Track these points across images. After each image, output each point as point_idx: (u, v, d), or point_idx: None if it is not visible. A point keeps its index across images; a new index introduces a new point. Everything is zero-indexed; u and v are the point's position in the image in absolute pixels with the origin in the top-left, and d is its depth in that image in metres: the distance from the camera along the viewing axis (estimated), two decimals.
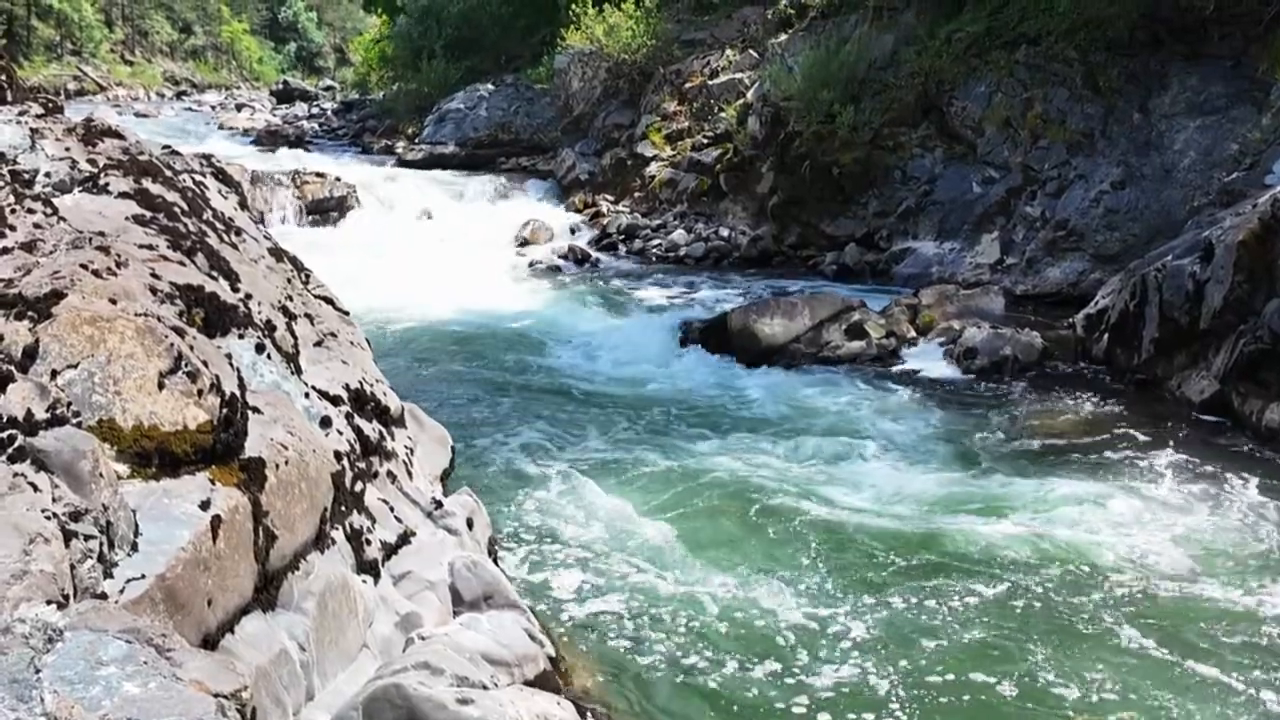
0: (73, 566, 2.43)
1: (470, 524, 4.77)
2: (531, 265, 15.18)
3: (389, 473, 4.59)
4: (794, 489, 6.81)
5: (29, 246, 3.45)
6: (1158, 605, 5.38)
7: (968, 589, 5.52)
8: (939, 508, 6.56)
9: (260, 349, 3.94)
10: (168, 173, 4.86)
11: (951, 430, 8.10)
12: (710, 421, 8.31)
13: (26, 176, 4.12)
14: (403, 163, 22.34)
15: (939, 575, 5.68)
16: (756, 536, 6.15)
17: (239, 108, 40.74)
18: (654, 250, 15.85)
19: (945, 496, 6.75)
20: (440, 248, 15.41)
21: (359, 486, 4.12)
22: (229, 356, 3.55)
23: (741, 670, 4.78)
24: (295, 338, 4.44)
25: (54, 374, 2.91)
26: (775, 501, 6.61)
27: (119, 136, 4.91)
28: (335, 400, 4.40)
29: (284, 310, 4.54)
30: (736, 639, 5.04)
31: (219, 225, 4.79)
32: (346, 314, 5.44)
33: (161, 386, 3.03)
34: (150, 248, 3.83)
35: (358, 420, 4.48)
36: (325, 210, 16.89)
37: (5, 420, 2.65)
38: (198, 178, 5.36)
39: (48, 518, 2.44)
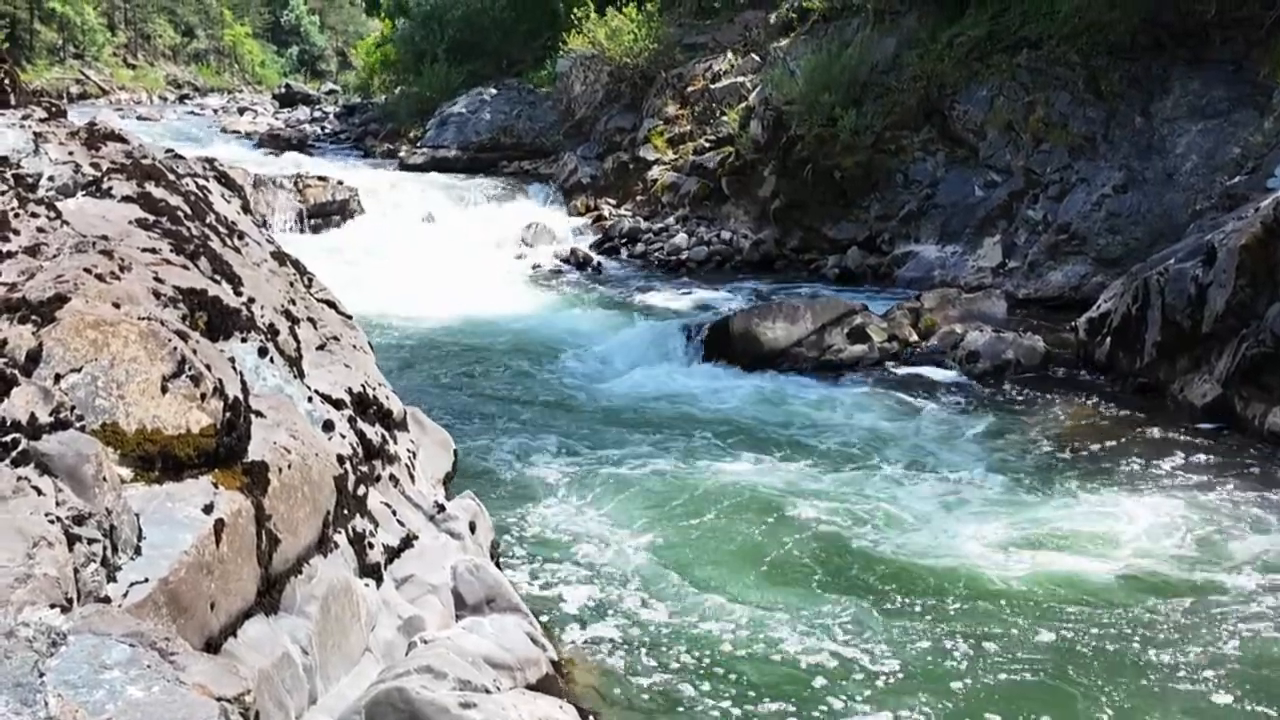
0: (76, 570, 2.43)
1: (473, 528, 4.78)
2: (533, 269, 15.19)
3: (391, 476, 4.60)
4: (797, 497, 6.77)
5: (33, 250, 3.45)
6: (1180, 625, 5.24)
7: (984, 615, 5.29)
8: (945, 523, 6.42)
9: (263, 353, 3.95)
10: (170, 176, 4.87)
11: (955, 438, 8.08)
12: (712, 427, 8.30)
13: (30, 180, 4.13)
14: (405, 166, 22.36)
15: (948, 597, 5.49)
16: (758, 546, 6.11)
17: (241, 111, 40.74)
18: (656, 254, 15.85)
19: (951, 511, 6.64)
20: (442, 251, 15.42)
21: (361, 490, 4.12)
22: (232, 360, 3.55)
23: (744, 675, 4.77)
24: (298, 341, 4.45)
25: (58, 378, 2.91)
26: (777, 510, 6.58)
27: (122, 140, 4.92)
28: (338, 404, 4.41)
29: (287, 314, 4.55)
30: (739, 645, 5.03)
31: (222, 229, 4.80)
32: (349, 317, 5.45)
33: (165, 390, 3.03)
34: (153, 251, 3.84)
35: (360, 424, 4.49)
36: (328, 214, 16.89)
37: (9, 424, 2.66)
38: (200, 181, 5.37)
39: (51, 521, 2.44)
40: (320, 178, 17.50)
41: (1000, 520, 6.48)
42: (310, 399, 4.15)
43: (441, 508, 4.76)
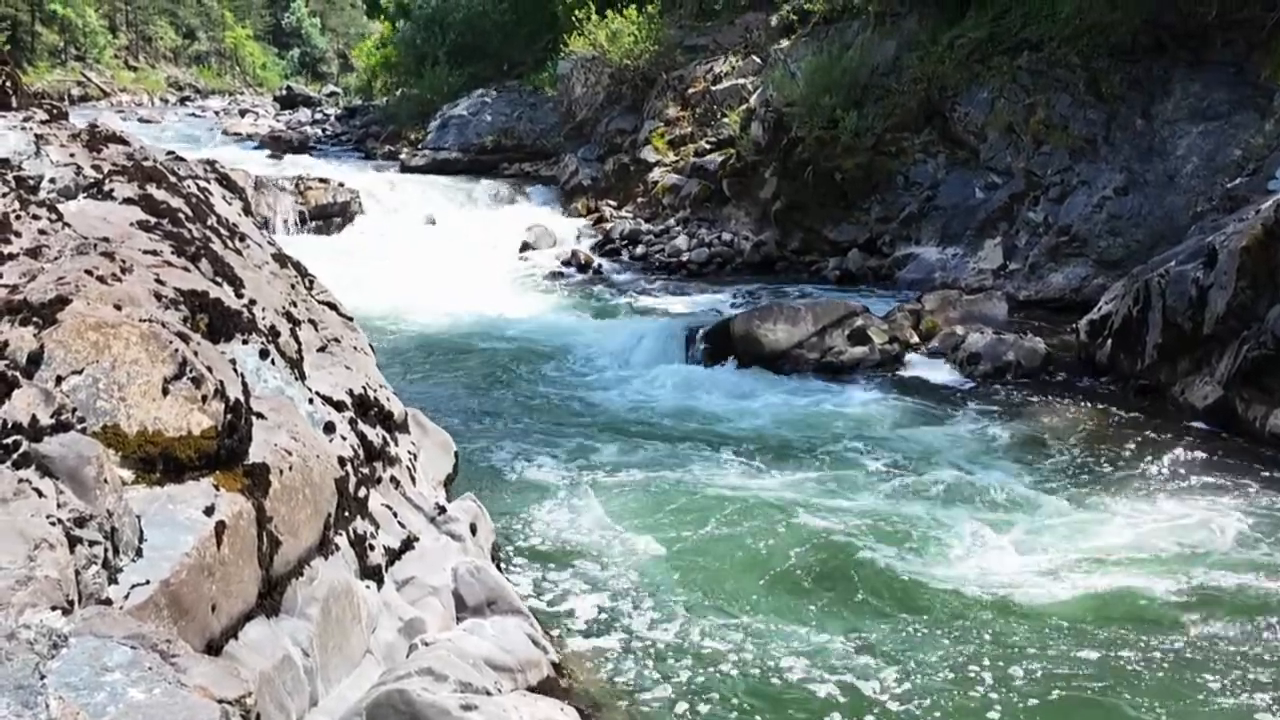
0: (77, 572, 2.43)
1: (473, 529, 4.78)
2: (534, 271, 15.20)
3: (392, 478, 4.60)
4: (801, 505, 6.72)
5: (34, 253, 3.46)
6: (1213, 641, 5.11)
7: (1004, 634, 5.14)
8: (953, 537, 6.27)
9: (264, 355, 3.95)
10: (172, 179, 4.87)
11: (957, 443, 8.03)
12: (713, 430, 8.30)
13: (31, 183, 4.13)
14: (406, 168, 22.36)
15: (960, 617, 5.31)
16: (763, 554, 6.07)
17: (242, 113, 40.75)
18: (657, 256, 15.85)
19: (959, 523, 6.48)
20: (443, 253, 15.43)
21: (362, 492, 4.12)
22: (233, 362, 3.55)
23: (747, 683, 4.77)
24: (299, 343, 4.45)
25: (59, 380, 2.91)
26: (781, 516, 6.52)
27: (123, 142, 4.93)
28: (339, 405, 4.41)
29: (288, 316, 4.55)
30: (743, 652, 5.03)
31: (223, 231, 4.80)
32: (350, 319, 5.45)
33: (166, 392, 3.03)
34: (155, 253, 3.84)
35: (361, 426, 4.49)
36: (329, 216, 16.91)
37: (10, 426, 2.66)
38: (202, 183, 5.37)
39: (52, 523, 2.44)
40: (321, 180, 17.51)
41: (1011, 532, 6.36)
42: (311, 401, 4.15)
43: (442, 509, 4.76)
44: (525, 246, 16.39)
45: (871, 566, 5.88)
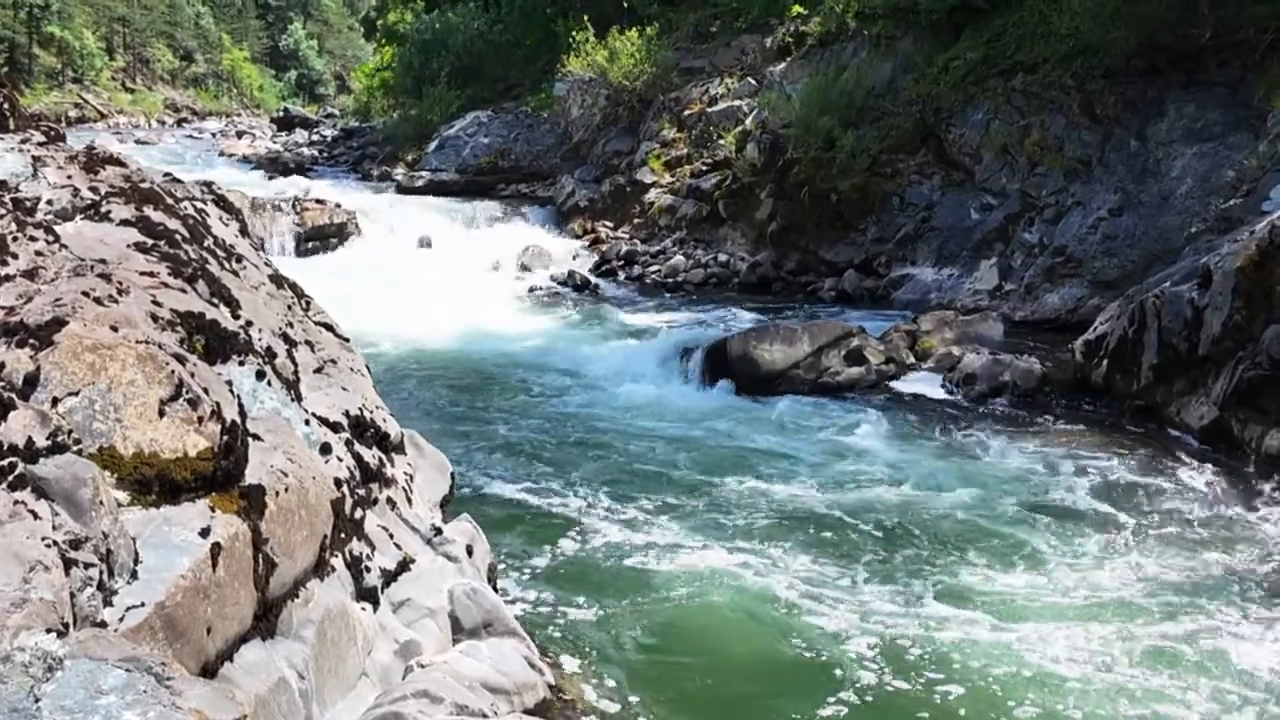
0: (72, 594, 2.42)
1: (470, 551, 4.76)
2: (531, 291, 15.22)
3: (389, 499, 4.59)
4: (793, 523, 6.73)
5: (31, 274, 3.45)
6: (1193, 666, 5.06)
7: (987, 670, 5.03)
8: (944, 563, 6.22)
9: (261, 376, 3.94)
10: (169, 200, 4.87)
11: (952, 465, 8.00)
12: (709, 451, 8.29)
13: (29, 204, 4.13)
14: (403, 189, 22.40)
15: (951, 655, 5.19)
16: (756, 576, 6.05)
17: (240, 135, 40.85)
18: (653, 276, 15.89)
19: (948, 549, 6.44)
20: (440, 273, 15.45)
21: (359, 513, 4.11)
22: (229, 383, 3.55)
23: (744, 698, 4.75)
24: (295, 364, 4.44)
25: (55, 401, 2.91)
26: (773, 539, 6.53)
27: (120, 164, 4.93)
28: (335, 427, 4.40)
29: (284, 337, 4.55)
30: (735, 668, 5.01)
31: (220, 252, 4.80)
32: (346, 340, 5.44)
33: (162, 414, 3.03)
34: (151, 275, 3.84)
35: (358, 447, 4.48)
36: (325, 237, 16.95)
37: (6, 448, 2.65)
38: (199, 205, 5.37)
39: (48, 545, 2.44)
40: (318, 201, 17.58)
41: (1009, 562, 6.28)
42: (308, 422, 4.14)
43: (439, 531, 4.74)
44: (522, 267, 16.42)
45: (865, 595, 5.88)
